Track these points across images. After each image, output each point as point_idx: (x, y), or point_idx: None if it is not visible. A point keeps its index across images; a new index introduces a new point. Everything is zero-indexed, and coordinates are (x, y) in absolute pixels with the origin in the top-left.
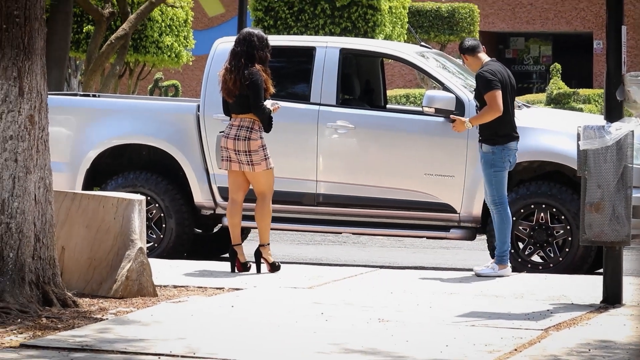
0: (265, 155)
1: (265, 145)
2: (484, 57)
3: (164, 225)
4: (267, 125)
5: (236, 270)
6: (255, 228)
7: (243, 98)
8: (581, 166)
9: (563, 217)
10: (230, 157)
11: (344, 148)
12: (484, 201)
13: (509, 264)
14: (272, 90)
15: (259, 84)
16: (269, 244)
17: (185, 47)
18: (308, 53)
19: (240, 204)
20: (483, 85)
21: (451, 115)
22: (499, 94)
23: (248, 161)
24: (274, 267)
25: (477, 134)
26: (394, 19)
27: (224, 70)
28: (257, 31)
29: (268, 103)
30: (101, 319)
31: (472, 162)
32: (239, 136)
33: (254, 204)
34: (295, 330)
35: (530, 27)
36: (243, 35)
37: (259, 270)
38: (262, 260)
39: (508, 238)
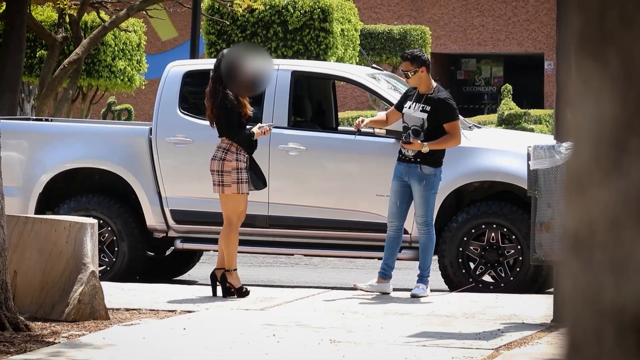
0: (238, 179)
1: (243, 169)
2: (431, 78)
3: (116, 249)
4: (247, 147)
5: (228, 296)
6: (209, 250)
7: (219, 122)
8: (531, 186)
9: (514, 237)
10: (213, 180)
11: (296, 170)
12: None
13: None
14: (249, 112)
15: (227, 108)
16: (235, 270)
17: (138, 71)
18: None
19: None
20: (447, 113)
21: (411, 139)
22: (459, 124)
23: (219, 181)
24: (240, 293)
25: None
26: (346, 42)
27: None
28: (234, 52)
29: (255, 127)
30: (53, 343)
31: None
32: (215, 156)
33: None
34: (247, 351)
35: (481, 49)
36: (218, 58)
37: (214, 294)
38: (217, 284)
39: (431, 256)
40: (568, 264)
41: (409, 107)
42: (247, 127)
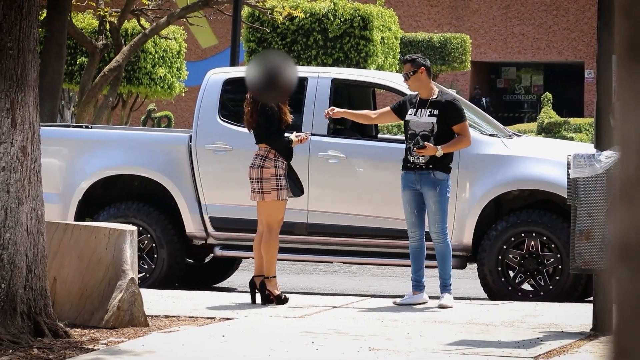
0: (278, 185)
1: (282, 176)
2: (433, 83)
3: (155, 256)
4: (285, 155)
5: (267, 303)
6: (248, 258)
7: (258, 128)
8: (571, 194)
9: (553, 245)
10: (252, 188)
11: (335, 178)
12: (474, 229)
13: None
14: (289, 120)
15: (268, 115)
16: (274, 277)
17: (178, 78)
18: (300, 83)
19: (259, 234)
20: (456, 115)
21: (425, 143)
22: (468, 124)
23: (259, 189)
24: (279, 300)
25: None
26: (386, 49)
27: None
28: (277, 57)
29: (292, 135)
30: (92, 349)
31: (461, 189)
32: (253, 164)
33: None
34: (286, 358)
35: (521, 57)
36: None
37: (253, 301)
38: (256, 291)
39: (450, 265)
40: (617, 272)
41: (414, 114)
42: (285, 134)
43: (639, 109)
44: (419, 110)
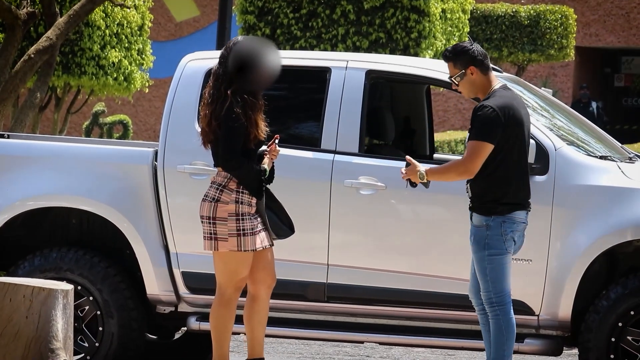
0: (239, 230)
1: (247, 216)
2: (494, 79)
3: (101, 329)
4: (252, 188)
5: None
6: (238, 334)
7: (217, 144)
8: None
9: None
10: (203, 231)
11: (369, 217)
12: (575, 297)
13: None
14: (262, 134)
15: (230, 126)
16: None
17: (139, 66)
18: (319, 77)
19: (257, 299)
20: (473, 127)
21: (406, 157)
22: (486, 149)
23: (210, 233)
24: None
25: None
26: (449, 28)
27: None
28: (250, 40)
29: (265, 159)
30: None
31: (555, 238)
32: (206, 196)
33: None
34: None
35: None
36: (229, 47)
37: None
38: None
39: (509, 354)
40: None
41: None
42: (262, 149)
43: None
44: None
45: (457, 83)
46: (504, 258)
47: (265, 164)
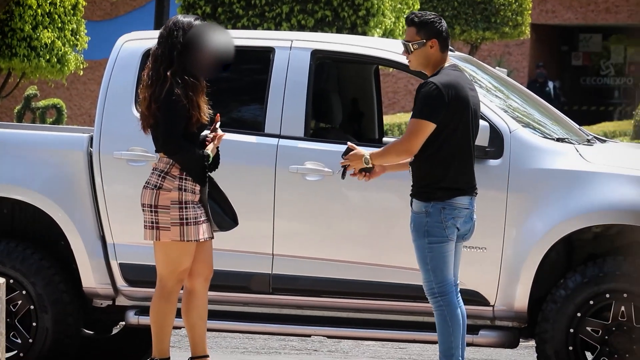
0: (182, 218)
1: (190, 204)
2: (447, 59)
3: (34, 324)
4: (195, 174)
5: None
6: (179, 328)
7: (157, 128)
8: None
9: None
10: (144, 219)
11: (316, 204)
12: (532, 286)
13: None
14: (204, 117)
15: (171, 108)
16: (207, 357)
17: (74, 47)
18: (262, 57)
19: (195, 293)
20: (417, 104)
21: (348, 143)
22: (427, 128)
23: (152, 222)
24: None
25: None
26: (398, 5)
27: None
28: (191, 19)
29: (210, 146)
30: None
31: (510, 225)
32: (147, 183)
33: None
34: None
35: (611, 18)
36: (169, 26)
37: None
38: None
39: (456, 345)
40: None
41: None
42: (204, 134)
43: None
44: None
45: (411, 50)
46: (445, 246)
47: (209, 149)
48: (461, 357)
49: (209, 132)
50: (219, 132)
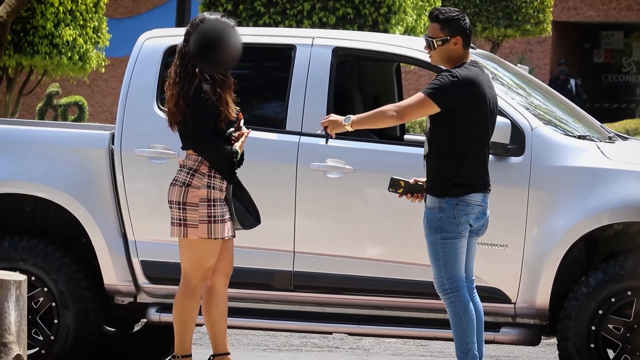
0: (209, 216)
1: (218, 202)
2: (469, 56)
3: (56, 321)
4: (225, 171)
5: None
6: (200, 325)
7: (185, 126)
8: None
9: None
10: (171, 217)
11: (338, 202)
12: (553, 283)
13: None
14: (232, 114)
15: (200, 105)
16: (228, 354)
17: (95, 44)
18: (284, 55)
19: (215, 290)
20: (431, 83)
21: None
22: (429, 106)
23: (179, 219)
24: None
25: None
26: (420, 3)
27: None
28: (218, 15)
29: (237, 143)
30: None
31: (531, 222)
32: (175, 181)
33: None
34: None
35: (633, 16)
36: (195, 23)
37: None
38: None
39: (471, 340)
40: None
41: None
42: (229, 131)
43: None
44: None
45: (435, 47)
46: (458, 242)
47: (237, 145)
48: (478, 353)
49: (232, 129)
50: (244, 129)
